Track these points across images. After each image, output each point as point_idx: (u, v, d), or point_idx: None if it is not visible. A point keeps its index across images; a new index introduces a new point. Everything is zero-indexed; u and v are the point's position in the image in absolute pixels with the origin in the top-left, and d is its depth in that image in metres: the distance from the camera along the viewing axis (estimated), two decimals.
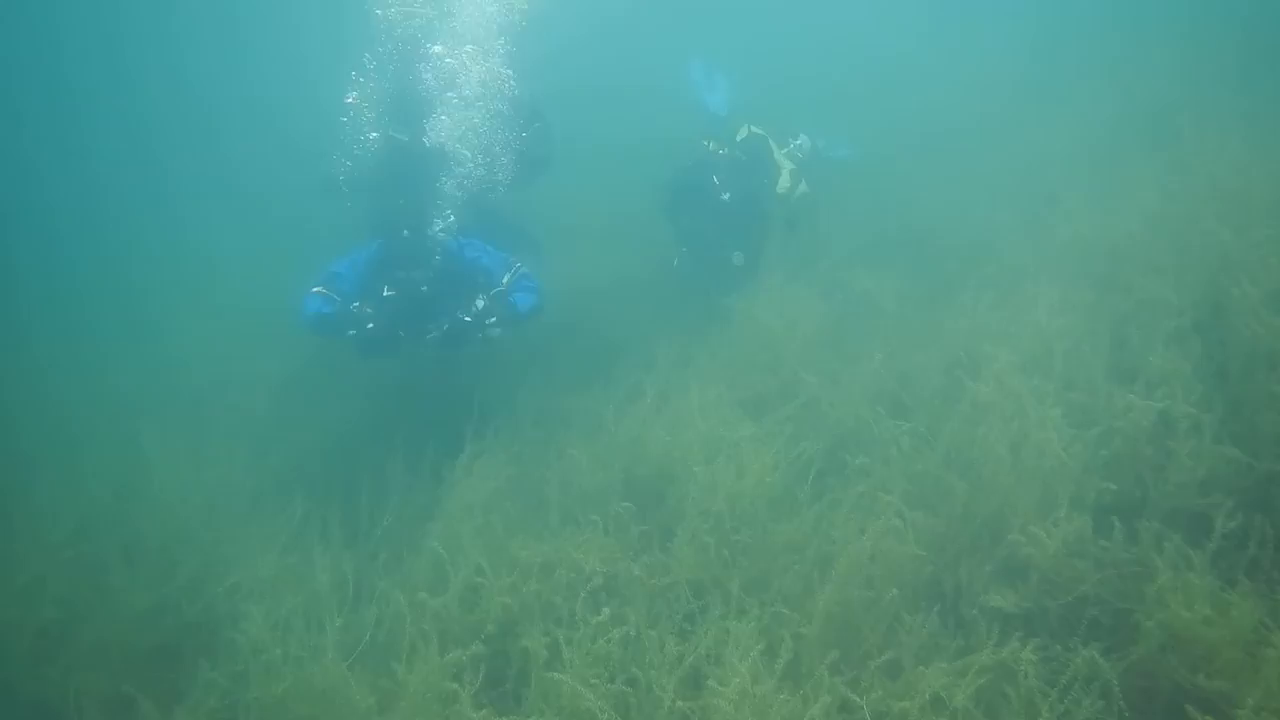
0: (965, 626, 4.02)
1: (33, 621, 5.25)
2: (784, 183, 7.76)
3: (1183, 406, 4.36)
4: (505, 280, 6.29)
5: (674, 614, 4.15)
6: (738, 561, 4.38)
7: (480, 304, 6.10)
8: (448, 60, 6.54)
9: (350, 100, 6.53)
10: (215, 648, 4.65)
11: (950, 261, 6.86)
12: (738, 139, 7.79)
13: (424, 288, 6.02)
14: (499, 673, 4.09)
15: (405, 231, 6.05)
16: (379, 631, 4.29)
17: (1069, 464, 4.35)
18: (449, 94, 6.59)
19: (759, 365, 6.06)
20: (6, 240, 9.78)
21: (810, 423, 5.44)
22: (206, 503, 6.14)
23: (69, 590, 5.44)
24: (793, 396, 5.62)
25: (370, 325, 5.92)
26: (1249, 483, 4.29)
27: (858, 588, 4.05)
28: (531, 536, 4.53)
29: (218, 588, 5.24)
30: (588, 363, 6.75)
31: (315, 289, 6.08)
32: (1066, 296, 5.55)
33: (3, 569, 5.39)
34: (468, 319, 6.05)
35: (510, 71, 6.67)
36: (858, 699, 3.48)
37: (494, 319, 6.10)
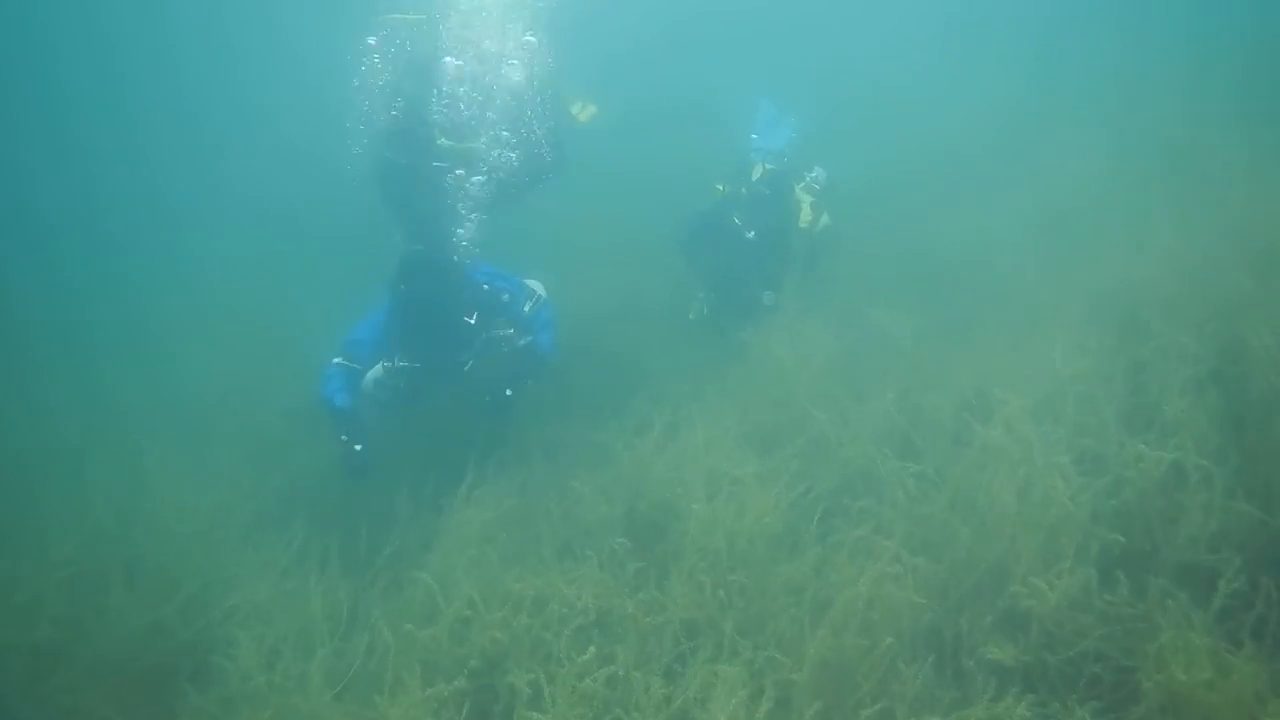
0: (962, 678, 3.97)
1: (29, 640, 5.28)
2: (806, 216, 7.74)
3: (1194, 458, 4.28)
4: (527, 309, 6.36)
5: (665, 654, 4.12)
6: (734, 602, 4.35)
7: (506, 333, 6.20)
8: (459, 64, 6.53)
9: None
10: (207, 672, 4.66)
11: (970, 299, 6.82)
12: (754, 178, 7.76)
13: (469, 319, 6.11)
14: (485, 708, 4.08)
15: (423, 260, 6.04)
16: (369, 661, 4.29)
17: (1076, 513, 4.29)
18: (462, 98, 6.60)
19: (769, 400, 6.04)
20: (6, 254, 9.92)
21: (817, 460, 5.42)
22: (209, 523, 6.20)
23: (67, 609, 5.49)
24: (802, 433, 5.58)
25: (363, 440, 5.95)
26: (1263, 540, 4.22)
27: (853, 634, 4.01)
28: (527, 570, 4.52)
29: (215, 611, 5.28)
30: (602, 392, 6.75)
31: (335, 360, 6.07)
32: (1084, 340, 5.48)
33: (1, 586, 5.42)
34: (509, 393, 6.13)
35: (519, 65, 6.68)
36: None
37: (528, 380, 6.22)
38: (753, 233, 7.54)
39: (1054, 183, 8.11)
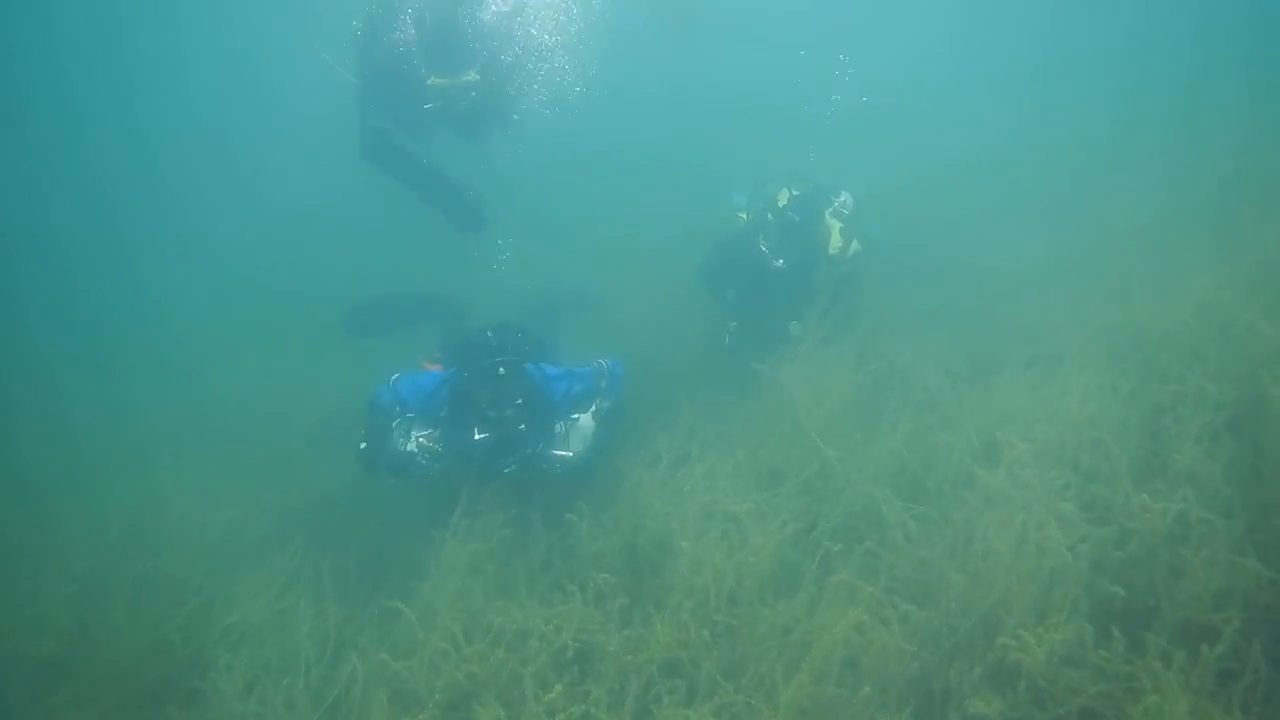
0: None
1: (35, 653, 5.44)
2: (836, 242, 7.49)
3: (1201, 510, 4.19)
4: (597, 404, 6.22)
5: (642, 694, 4.12)
6: (718, 643, 4.34)
7: (563, 454, 5.96)
8: None
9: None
10: (196, 697, 4.76)
11: (995, 333, 6.73)
12: (780, 204, 7.58)
13: (522, 426, 5.79)
14: None
15: (501, 370, 5.80)
16: (348, 691, 4.35)
17: (1074, 564, 4.22)
18: None
19: (780, 434, 6.01)
20: (26, 270, 10.21)
21: (821, 497, 5.39)
22: (218, 541, 6.36)
23: (75, 623, 5.65)
24: (808, 468, 5.56)
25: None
26: (1271, 598, 4.10)
27: (835, 681, 3.98)
28: (511, 603, 4.55)
29: (214, 629, 5.40)
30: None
31: (394, 377, 6.05)
32: (1102, 382, 5.40)
33: (11, 600, 5.59)
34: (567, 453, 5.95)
35: None
36: None
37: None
38: (782, 261, 7.41)
39: (1093, 215, 7.97)
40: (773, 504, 5.25)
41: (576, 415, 6.10)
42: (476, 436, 5.70)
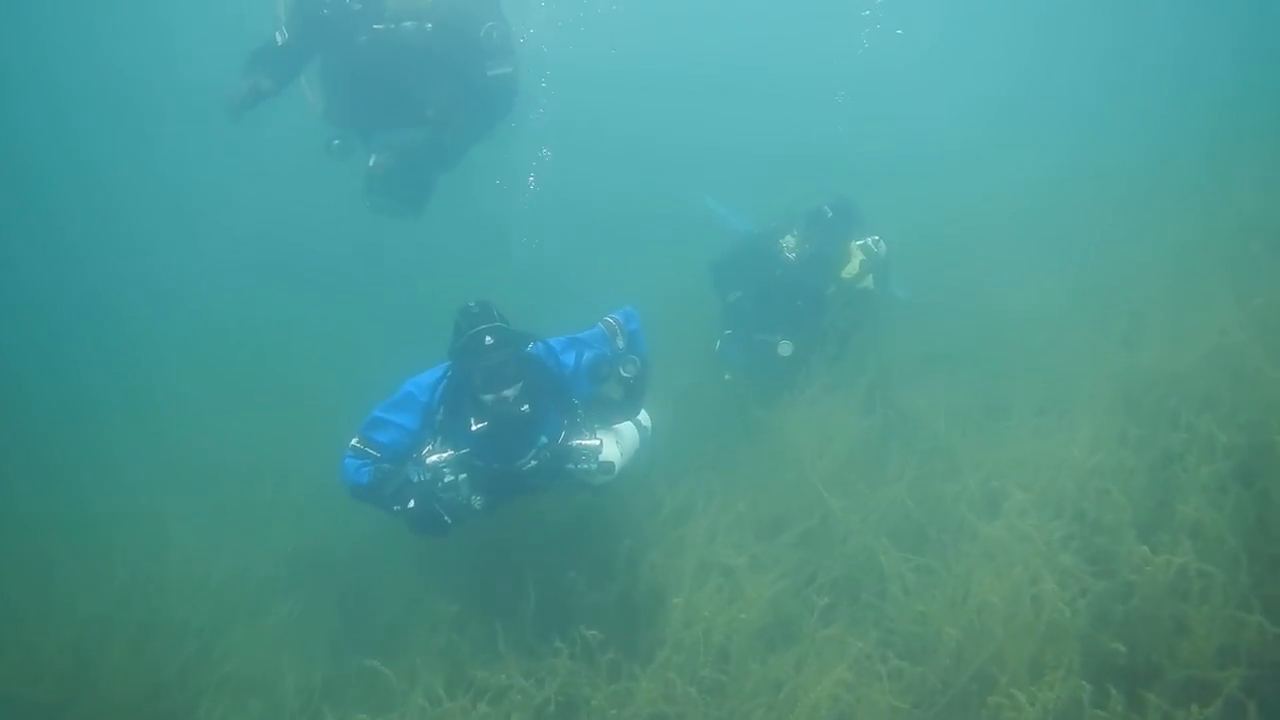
0: None
1: (32, 697, 5.50)
2: (851, 269, 7.33)
3: (1203, 563, 4.10)
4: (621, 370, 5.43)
5: None
6: (705, 699, 4.29)
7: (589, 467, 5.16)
8: None
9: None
10: None
11: (1006, 380, 6.64)
12: (821, 206, 7.44)
13: (524, 407, 4.96)
14: None
15: (488, 339, 4.79)
16: None
17: (1074, 619, 4.14)
18: None
19: (783, 482, 5.97)
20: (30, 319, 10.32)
21: (820, 548, 5.35)
22: (222, 584, 6.39)
23: (72, 666, 5.70)
24: (809, 518, 5.52)
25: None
26: (1278, 654, 3.99)
27: None
28: (497, 658, 4.54)
29: (210, 676, 5.43)
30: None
31: (353, 442, 5.02)
32: (1110, 429, 5.32)
33: (10, 642, 5.67)
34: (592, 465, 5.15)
35: None
36: None
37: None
38: (794, 254, 7.29)
39: (1110, 254, 7.88)
40: (771, 556, 5.22)
41: (609, 426, 5.44)
42: (474, 427, 4.91)
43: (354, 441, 5.02)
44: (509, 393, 4.90)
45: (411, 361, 5.27)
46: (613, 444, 5.37)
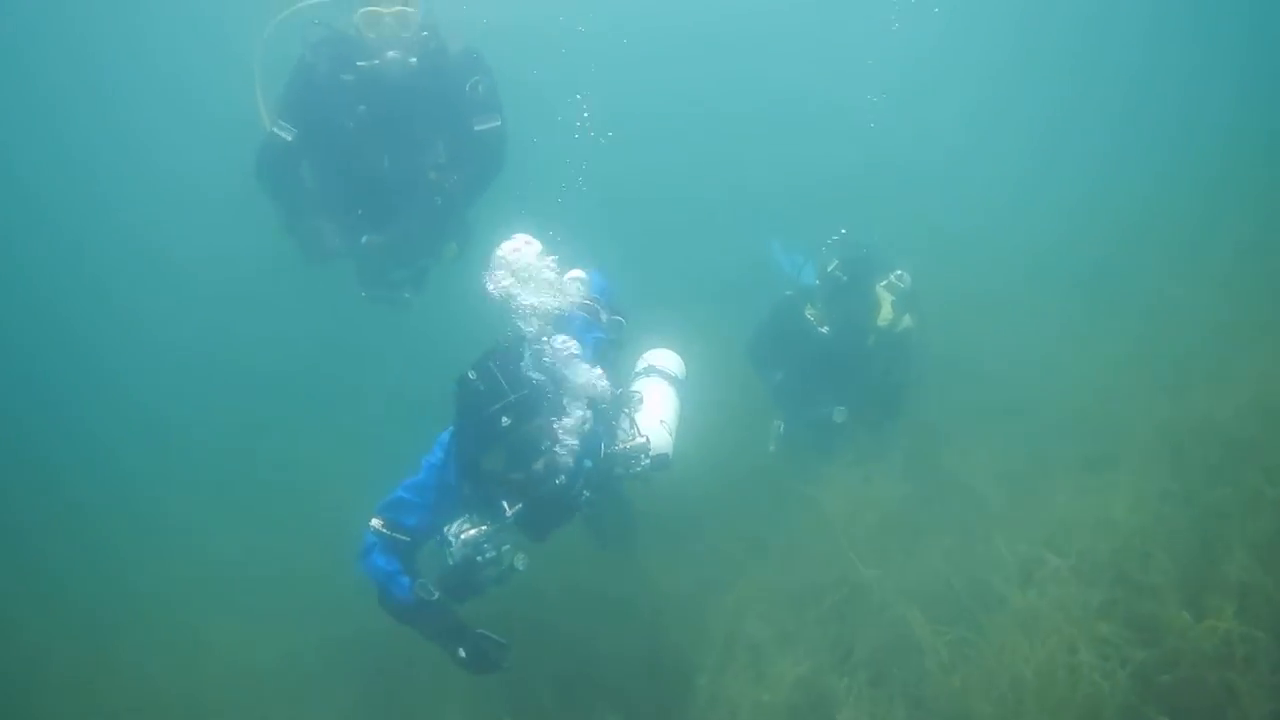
0: None
1: None
2: (886, 314, 7.06)
3: (1247, 627, 3.91)
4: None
5: None
6: None
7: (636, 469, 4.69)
8: None
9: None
10: None
11: (1046, 435, 6.46)
12: (829, 269, 7.24)
13: (560, 478, 4.47)
14: None
15: (505, 420, 4.32)
16: None
17: (1113, 691, 3.97)
18: None
19: (813, 553, 5.83)
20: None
21: (852, 621, 5.20)
22: (266, 674, 6.43)
23: None
24: (842, 588, 5.38)
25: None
26: None
27: None
28: None
29: None
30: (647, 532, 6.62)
31: (373, 522, 4.61)
32: (1152, 485, 5.13)
33: None
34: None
35: None
36: None
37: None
38: (827, 328, 7.17)
39: (1156, 299, 7.67)
40: (801, 629, 5.09)
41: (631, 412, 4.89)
42: (509, 512, 4.43)
43: (376, 523, 4.57)
44: (540, 466, 4.42)
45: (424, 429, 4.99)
46: (659, 428, 4.93)
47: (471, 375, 4.42)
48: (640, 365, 5.41)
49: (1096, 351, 7.21)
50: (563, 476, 4.46)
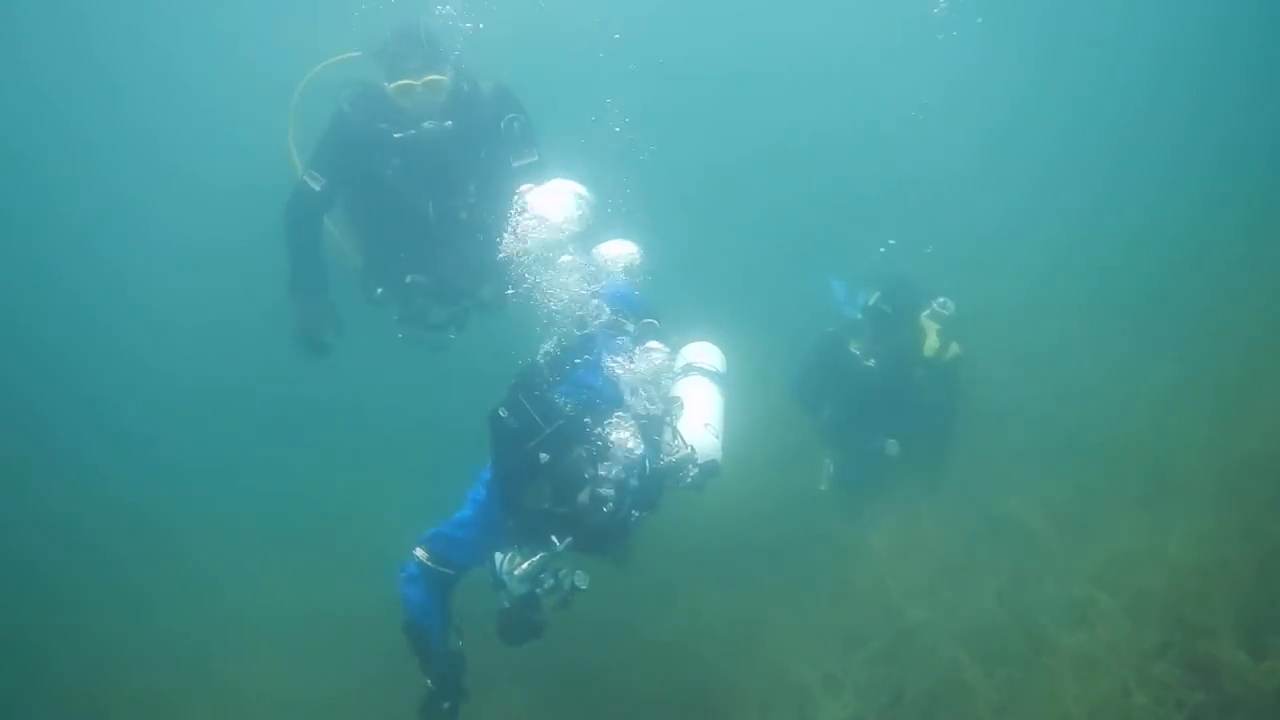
0: None
1: None
2: (932, 344, 6.89)
3: None
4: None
5: None
6: None
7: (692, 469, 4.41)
8: None
9: None
10: None
11: (1103, 471, 6.32)
12: (870, 302, 7.10)
13: (608, 506, 4.18)
14: None
15: (543, 457, 4.16)
16: None
17: None
18: None
19: (861, 593, 5.77)
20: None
21: (904, 665, 5.11)
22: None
23: None
24: (890, 630, 5.32)
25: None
26: None
27: None
28: None
29: None
30: (695, 568, 6.55)
31: (417, 551, 4.50)
32: (1208, 521, 5.02)
33: None
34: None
35: None
36: None
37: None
38: (873, 360, 7.02)
39: (1199, 322, 7.51)
40: (848, 672, 5.02)
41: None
42: (559, 546, 4.24)
43: (420, 554, 4.46)
44: (585, 498, 4.17)
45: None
46: (704, 433, 4.60)
47: (503, 413, 4.25)
48: (678, 363, 5.06)
49: (1145, 381, 7.03)
50: (609, 504, 4.16)
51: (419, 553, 4.47)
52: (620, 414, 4.37)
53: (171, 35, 11.50)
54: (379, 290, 6.51)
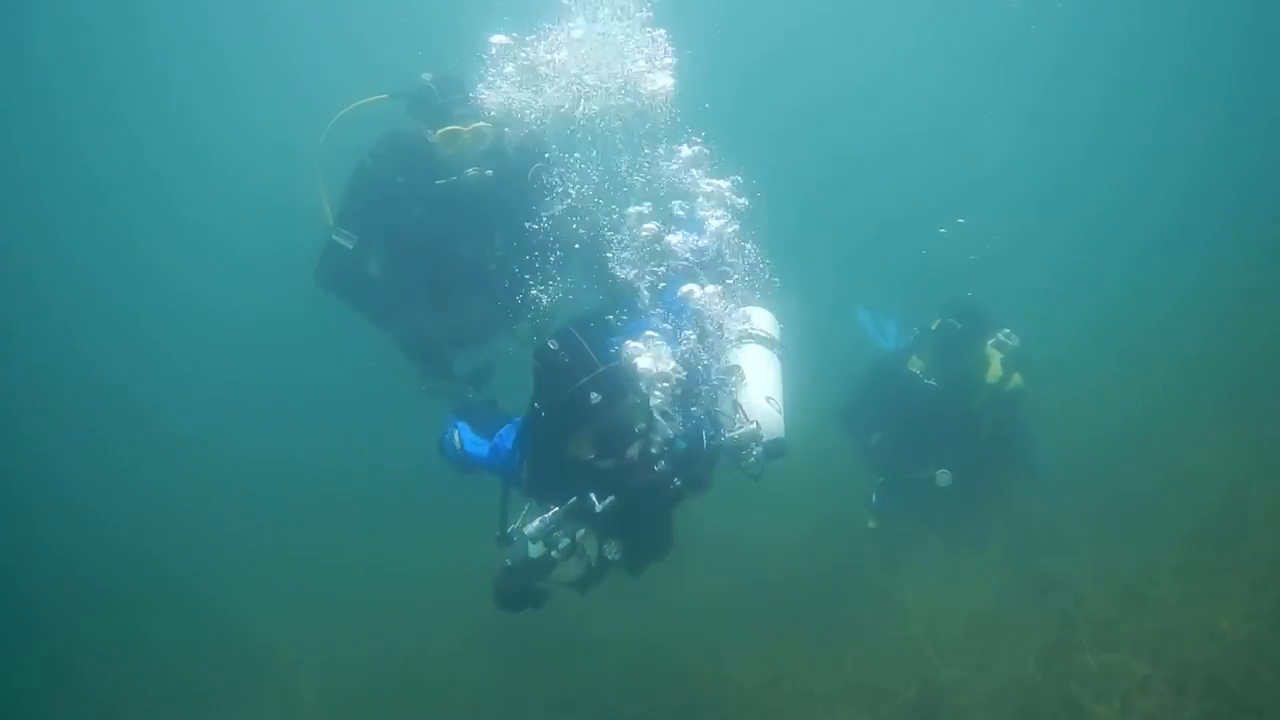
0: None
1: None
2: (995, 372, 6.54)
3: None
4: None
5: None
6: None
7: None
8: None
9: None
10: None
11: (1162, 537, 6.00)
12: (933, 326, 6.83)
13: (660, 464, 3.70)
14: None
15: (594, 396, 3.72)
16: None
17: None
18: None
19: (889, 647, 5.57)
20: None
21: None
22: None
23: None
24: (918, 690, 5.10)
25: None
26: None
27: None
28: None
29: None
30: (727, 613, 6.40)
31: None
32: (1268, 599, 4.74)
33: None
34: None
35: None
36: None
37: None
38: (934, 380, 6.70)
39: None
40: None
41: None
42: (599, 508, 3.69)
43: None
44: (634, 452, 3.72)
45: None
46: (767, 408, 4.04)
47: (553, 344, 3.87)
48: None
49: (1219, 449, 6.68)
50: (662, 462, 3.70)
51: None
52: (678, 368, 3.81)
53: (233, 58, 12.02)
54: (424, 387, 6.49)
